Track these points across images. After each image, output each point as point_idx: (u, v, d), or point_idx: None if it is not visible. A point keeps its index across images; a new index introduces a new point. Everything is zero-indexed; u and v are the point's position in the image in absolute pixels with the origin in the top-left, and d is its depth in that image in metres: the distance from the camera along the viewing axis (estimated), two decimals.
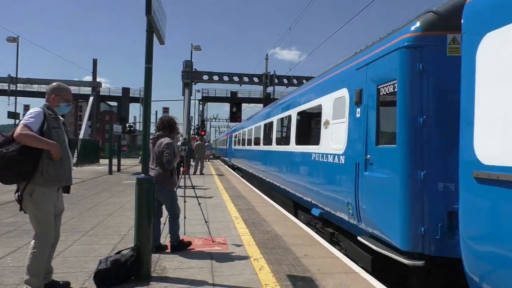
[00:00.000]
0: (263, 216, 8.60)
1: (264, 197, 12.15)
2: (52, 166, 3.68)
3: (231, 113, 43.54)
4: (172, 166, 5.59)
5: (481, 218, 3.11)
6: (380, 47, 5.25)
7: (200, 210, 6.91)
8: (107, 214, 8.47)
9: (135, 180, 4.54)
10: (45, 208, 3.73)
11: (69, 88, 4.11)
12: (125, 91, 52.44)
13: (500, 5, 2.95)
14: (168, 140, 5.67)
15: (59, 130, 3.80)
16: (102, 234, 6.61)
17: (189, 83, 31.85)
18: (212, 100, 53.98)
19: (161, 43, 4.94)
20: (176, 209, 5.70)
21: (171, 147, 5.60)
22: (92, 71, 46.21)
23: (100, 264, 4.26)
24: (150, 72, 4.51)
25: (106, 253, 5.26)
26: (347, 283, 4.41)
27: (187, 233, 6.61)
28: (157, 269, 4.73)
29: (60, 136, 3.79)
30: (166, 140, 5.66)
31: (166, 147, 5.54)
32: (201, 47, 27.09)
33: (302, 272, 4.77)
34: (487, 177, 2.97)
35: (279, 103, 12.54)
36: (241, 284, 4.30)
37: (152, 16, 4.24)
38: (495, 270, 2.99)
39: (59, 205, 4.00)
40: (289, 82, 42.36)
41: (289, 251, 5.72)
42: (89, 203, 10.01)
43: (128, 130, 33.80)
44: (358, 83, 5.74)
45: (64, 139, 3.86)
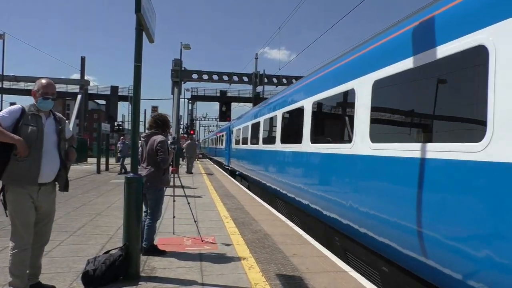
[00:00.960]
0: (252, 215, 8.60)
1: (254, 196, 12.15)
2: (16, 164, 3.52)
3: (221, 112, 43.44)
4: (167, 164, 5.50)
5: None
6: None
7: (189, 210, 6.88)
8: (95, 213, 8.39)
9: (124, 179, 4.51)
10: (18, 210, 3.57)
11: (49, 82, 3.87)
12: (114, 90, 51.95)
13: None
14: (162, 138, 5.54)
15: (31, 127, 3.59)
16: (90, 234, 6.54)
17: (179, 81, 31.67)
18: (201, 99, 53.77)
19: (150, 41, 4.91)
20: (158, 211, 5.56)
21: (165, 145, 5.49)
22: (80, 69, 45.70)
23: (88, 264, 4.22)
24: (139, 70, 4.48)
25: (94, 253, 5.21)
26: (336, 282, 4.44)
27: (176, 233, 6.58)
28: (146, 269, 4.70)
29: (31, 133, 3.57)
30: (159, 138, 5.53)
31: (160, 145, 5.43)
32: (190, 46, 26.96)
33: (291, 271, 4.78)
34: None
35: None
36: (231, 284, 4.30)
37: (141, 14, 4.21)
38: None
39: (44, 207, 3.79)
40: (279, 81, 42.37)
41: (279, 250, 5.74)
42: (77, 202, 9.90)
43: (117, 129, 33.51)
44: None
45: (38, 137, 3.62)
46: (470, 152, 3.18)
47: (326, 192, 6.30)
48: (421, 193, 3.78)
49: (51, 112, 3.90)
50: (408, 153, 4.03)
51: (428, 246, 3.67)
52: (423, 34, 4.01)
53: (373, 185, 4.77)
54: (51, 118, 3.87)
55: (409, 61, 4.12)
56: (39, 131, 3.67)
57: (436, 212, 3.57)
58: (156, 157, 5.41)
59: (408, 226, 3.94)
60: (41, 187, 3.70)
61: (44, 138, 3.69)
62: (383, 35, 5.02)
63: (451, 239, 3.37)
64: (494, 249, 2.96)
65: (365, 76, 5.17)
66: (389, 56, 4.58)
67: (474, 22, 3.27)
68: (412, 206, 3.86)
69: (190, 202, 7.12)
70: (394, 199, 4.27)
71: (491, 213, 2.96)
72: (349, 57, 6.01)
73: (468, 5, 3.40)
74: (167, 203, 6.34)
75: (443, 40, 3.65)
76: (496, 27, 3.00)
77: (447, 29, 3.62)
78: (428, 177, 3.71)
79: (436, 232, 3.56)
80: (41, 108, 3.79)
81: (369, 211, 4.78)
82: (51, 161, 3.74)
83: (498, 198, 2.89)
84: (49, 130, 3.78)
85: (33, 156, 3.59)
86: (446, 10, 3.72)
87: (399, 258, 4.28)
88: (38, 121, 3.70)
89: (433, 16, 3.88)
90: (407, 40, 4.23)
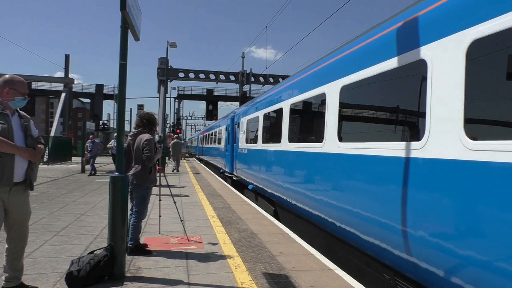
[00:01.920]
0: (239, 214, 8.60)
1: (240, 195, 12.15)
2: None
3: (207, 111, 43.35)
4: (152, 163, 5.47)
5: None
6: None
7: (175, 209, 6.84)
8: (80, 213, 8.28)
9: (109, 178, 4.46)
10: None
11: (24, 81, 3.82)
12: (99, 88, 51.39)
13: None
14: (148, 136, 5.53)
15: (1, 125, 3.50)
16: (75, 234, 6.46)
17: (165, 80, 31.46)
18: (188, 97, 53.54)
19: (136, 39, 4.86)
20: (143, 210, 5.53)
21: (152, 143, 5.47)
22: (64, 67, 45.03)
23: (72, 264, 4.16)
24: (125, 68, 4.43)
25: (79, 253, 5.15)
26: (322, 280, 4.47)
27: (162, 232, 6.54)
28: (131, 269, 4.66)
29: (3, 131, 3.48)
30: (146, 136, 5.52)
31: (147, 143, 5.41)
32: (177, 44, 26.78)
33: (277, 269, 4.79)
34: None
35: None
36: (217, 283, 4.29)
37: (127, 11, 4.16)
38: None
39: (15, 209, 3.65)
40: (265, 80, 42.46)
41: (265, 249, 5.75)
42: (61, 202, 9.76)
43: (102, 128, 33.18)
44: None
45: (9, 135, 3.54)
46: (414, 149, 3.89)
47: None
48: (377, 186, 4.46)
49: (16, 109, 3.81)
50: (367, 151, 4.68)
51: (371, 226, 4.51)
52: (372, 51, 4.77)
53: (341, 180, 5.39)
54: (16, 115, 3.76)
55: (364, 72, 4.88)
56: (10, 128, 3.58)
57: (386, 201, 4.22)
58: (142, 156, 5.39)
59: (362, 213, 4.70)
60: (12, 188, 3.58)
61: (14, 135, 3.61)
62: (347, 47, 5.70)
63: (389, 219, 4.14)
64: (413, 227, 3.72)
65: (334, 81, 5.81)
66: (354, 65, 5.23)
67: (417, 40, 3.89)
68: (372, 198, 4.52)
69: (177, 201, 7.08)
70: (357, 192, 4.87)
71: (432, 201, 3.53)
72: (320, 64, 6.69)
73: (410, 27, 4.04)
74: (153, 202, 6.30)
75: (401, 51, 4.24)
76: (433, 45, 3.65)
77: (396, 46, 4.28)
78: (380, 171, 4.38)
79: (381, 217, 4.29)
80: (17, 107, 3.73)
81: (338, 204, 5.38)
82: (21, 159, 3.65)
83: (435, 189, 3.51)
84: (16, 127, 3.68)
85: (6, 155, 3.49)
86: (388, 33, 4.48)
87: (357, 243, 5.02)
88: (7, 119, 3.60)
89: (375, 39, 4.77)
90: (363, 53, 5.03)
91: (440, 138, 3.46)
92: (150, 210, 5.78)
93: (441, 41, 3.53)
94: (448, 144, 3.37)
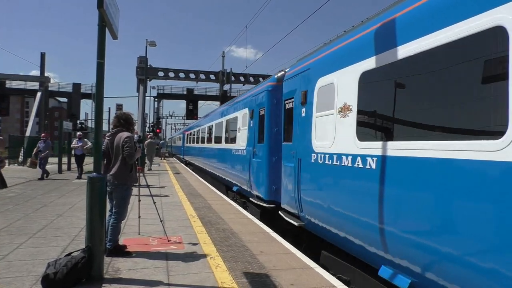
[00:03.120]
0: (220, 214, 8.58)
1: (221, 194, 12.12)
2: None
3: (188, 110, 43.06)
4: (133, 160, 5.41)
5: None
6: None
7: (155, 209, 6.78)
8: (57, 215, 8.11)
9: (87, 179, 4.39)
10: None
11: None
12: (76, 87, 50.38)
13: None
14: (128, 134, 5.49)
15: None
16: (51, 235, 6.32)
17: (144, 79, 31.10)
18: (167, 97, 52.99)
19: (114, 37, 4.81)
20: (124, 211, 5.46)
21: (132, 140, 5.42)
22: (40, 65, 44.02)
23: (48, 267, 4.08)
24: (103, 67, 4.38)
25: (56, 256, 5.04)
26: (302, 278, 4.50)
27: (142, 233, 6.47)
28: (110, 271, 4.59)
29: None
30: (126, 133, 5.47)
31: (127, 140, 5.35)
32: (156, 43, 26.51)
33: (258, 269, 4.81)
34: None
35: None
36: (197, 283, 4.28)
37: (104, 9, 4.11)
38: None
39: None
40: (246, 79, 42.46)
41: (245, 248, 5.75)
42: (37, 203, 9.54)
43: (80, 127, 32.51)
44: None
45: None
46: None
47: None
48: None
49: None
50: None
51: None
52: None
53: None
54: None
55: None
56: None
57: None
58: (122, 153, 5.32)
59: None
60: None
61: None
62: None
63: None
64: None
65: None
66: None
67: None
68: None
69: (156, 201, 7.02)
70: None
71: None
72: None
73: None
74: (132, 203, 6.20)
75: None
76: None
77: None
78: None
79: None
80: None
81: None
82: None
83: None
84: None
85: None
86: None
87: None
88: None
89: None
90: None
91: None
92: (129, 211, 5.71)
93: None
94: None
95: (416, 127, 3.82)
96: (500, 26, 2.84)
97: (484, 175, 2.91)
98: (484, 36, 2.99)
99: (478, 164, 2.96)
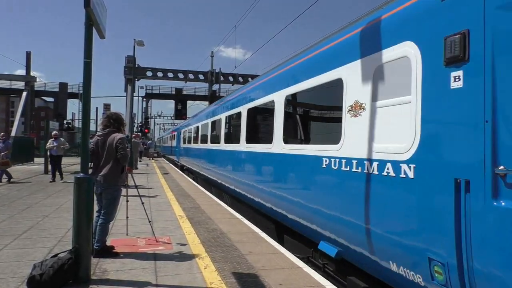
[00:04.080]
0: (209, 214, 8.56)
1: (210, 195, 12.09)
2: None
3: (176, 110, 42.80)
4: (127, 161, 5.38)
5: None
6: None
7: (143, 210, 6.74)
8: (43, 215, 8.01)
9: (73, 179, 4.35)
10: None
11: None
12: (63, 86, 49.86)
13: None
14: (121, 135, 5.44)
15: None
16: (37, 237, 6.24)
17: (132, 79, 30.85)
18: (156, 97, 52.72)
19: (101, 37, 4.77)
20: (113, 212, 5.42)
21: (125, 142, 5.38)
22: (26, 64, 43.38)
23: (34, 268, 4.03)
24: (90, 67, 4.34)
25: (42, 257, 4.98)
26: (291, 278, 4.52)
27: (130, 234, 6.43)
28: (97, 272, 4.55)
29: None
30: (119, 135, 5.42)
31: (121, 142, 5.30)
32: (144, 43, 26.31)
33: (247, 269, 4.81)
34: None
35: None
36: (186, 284, 4.27)
37: (91, 8, 4.07)
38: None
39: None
40: (235, 79, 42.38)
41: (234, 248, 5.75)
42: (22, 204, 9.40)
43: (66, 127, 32.16)
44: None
45: None
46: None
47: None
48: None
49: None
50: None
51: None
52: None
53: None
54: None
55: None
56: None
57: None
58: (115, 154, 5.28)
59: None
60: None
61: None
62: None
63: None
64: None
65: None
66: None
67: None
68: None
69: (145, 202, 6.97)
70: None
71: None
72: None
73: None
74: (120, 203, 6.13)
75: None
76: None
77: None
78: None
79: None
80: None
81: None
82: None
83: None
84: None
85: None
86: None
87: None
88: None
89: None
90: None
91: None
92: (117, 211, 5.66)
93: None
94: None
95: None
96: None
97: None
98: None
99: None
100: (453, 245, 2.98)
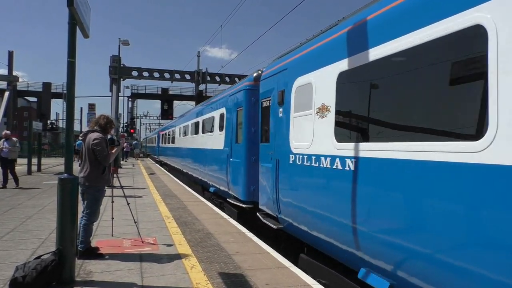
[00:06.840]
0: (195, 214, 8.53)
1: (197, 195, 12.04)
2: None
3: (162, 110, 42.48)
4: (107, 162, 5.28)
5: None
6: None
7: (129, 210, 6.68)
8: (26, 217, 7.88)
9: (57, 180, 4.29)
10: None
11: None
12: (46, 86, 49.07)
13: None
14: (97, 135, 5.25)
15: None
16: (20, 238, 6.13)
17: (117, 79, 30.50)
18: (142, 96, 52.19)
19: (85, 36, 4.70)
20: (95, 212, 5.32)
21: (102, 142, 5.22)
22: (8, 64, 42.57)
23: (17, 270, 3.96)
24: (74, 66, 4.29)
25: (24, 259, 4.90)
26: (277, 277, 4.53)
27: (115, 235, 6.36)
28: (81, 273, 4.50)
29: None
30: (95, 135, 5.25)
31: (96, 143, 5.16)
32: (129, 42, 26.07)
33: (233, 269, 4.81)
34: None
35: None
36: (172, 285, 4.24)
37: (74, 7, 4.01)
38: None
39: None
40: (222, 79, 42.24)
41: (221, 248, 5.74)
42: (5, 205, 9.23)
43: (50, 128, 31.64)
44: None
45: None
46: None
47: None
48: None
49: None
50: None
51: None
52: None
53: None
54: None
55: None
56: None
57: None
58: (93, 155, 5.20)
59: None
60: None
61: None
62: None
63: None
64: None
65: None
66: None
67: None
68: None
69: (130, 202, 6.91)
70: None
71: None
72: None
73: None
74: (105, 204, 6.08)
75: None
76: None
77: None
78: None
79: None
80: None
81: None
82: None
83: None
84: None
85: None
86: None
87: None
88: None
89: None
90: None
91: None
92: (102, 212, 5.60)
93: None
94: None
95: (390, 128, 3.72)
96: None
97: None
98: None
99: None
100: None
